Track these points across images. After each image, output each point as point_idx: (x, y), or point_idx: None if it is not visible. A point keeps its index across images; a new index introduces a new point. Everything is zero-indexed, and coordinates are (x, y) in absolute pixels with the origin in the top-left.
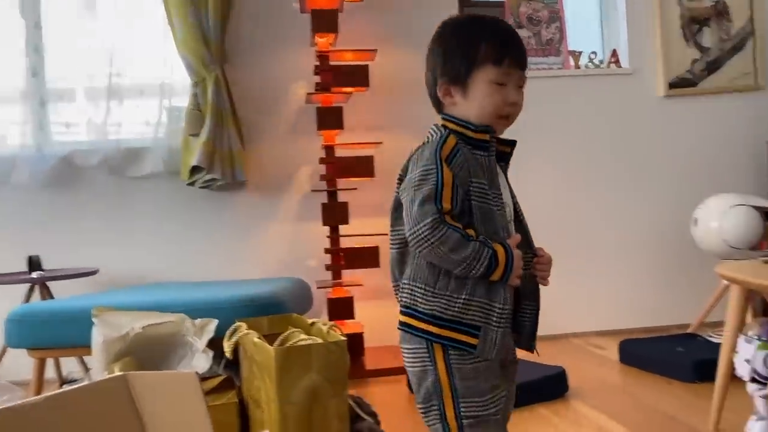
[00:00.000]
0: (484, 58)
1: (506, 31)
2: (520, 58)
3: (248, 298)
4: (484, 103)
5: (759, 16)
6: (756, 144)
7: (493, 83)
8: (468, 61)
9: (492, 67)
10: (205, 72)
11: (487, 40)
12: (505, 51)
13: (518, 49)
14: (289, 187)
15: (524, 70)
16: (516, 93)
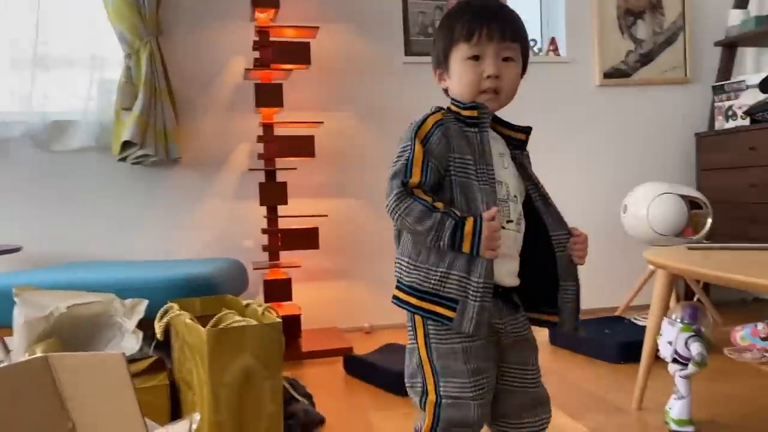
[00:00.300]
0: (458, 37)
1: (482, 7)
2: (493, 31)
3: (181, 279)
4: (461, 81)
5: (690, 11)
6: (684, 135)
7: (466, 59)
8: (445, 43)
9: (463, 43)
10: (138, 43)
11: (460, 19)
12: (475, 26)
13: (492, 21)
14: (225, 165)
15: (504, 42)
16: (493, 65)
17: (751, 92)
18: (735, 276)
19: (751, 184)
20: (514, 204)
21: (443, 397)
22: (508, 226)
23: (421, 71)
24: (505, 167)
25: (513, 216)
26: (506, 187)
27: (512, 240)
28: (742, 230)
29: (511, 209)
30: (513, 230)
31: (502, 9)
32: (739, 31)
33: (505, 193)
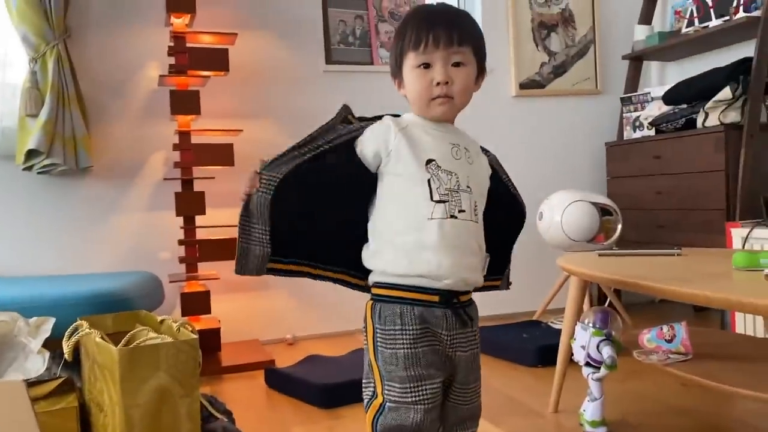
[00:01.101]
0: (407, 46)
1: (429, 13)
2: (440, 37)
3: (91, 294)
4: (413, 91)
5: (599, 26)
6: (595, 144)
7: (416, 68)
8: (397, 52)
9: (412, 52)
10: (44, 47)
11: (408, 27)
12: (422, 33)
13: (438, 27)
14: (139, 174)
15: (452, 47)
16: (442, 72)
17: (656, 103)
18: (642, 282)
19: (657, 192)
20: (467, 194)
21: (387, 400)
22: (460, 216)
23: (341, 80)
24: (456, 158)
25: (465, 206)
26: (456, 177)
27: (465, 230)
28: (649, 235)
29: (463, 199)
30: (466, 220)
31: (449, 13)
32: (644, 45)
33: (456, 184)
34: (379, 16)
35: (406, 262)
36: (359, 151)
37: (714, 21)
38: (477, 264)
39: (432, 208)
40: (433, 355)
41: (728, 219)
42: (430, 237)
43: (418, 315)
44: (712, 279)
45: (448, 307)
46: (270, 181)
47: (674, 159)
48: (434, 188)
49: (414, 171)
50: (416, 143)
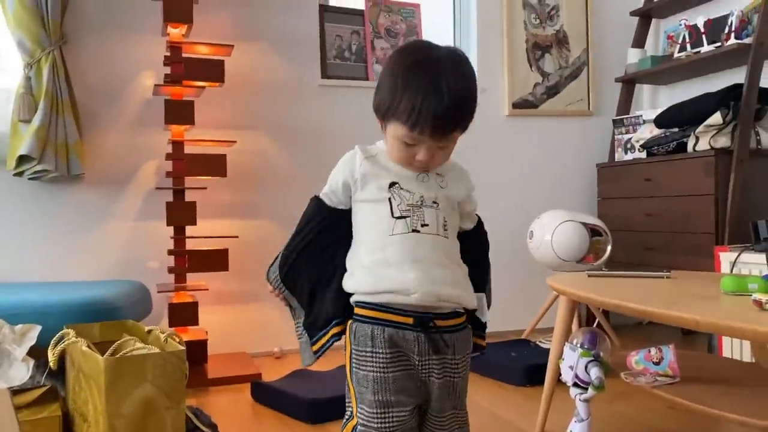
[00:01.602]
0: (400, 112)
1: (431, 89)
2: (436, 130)
3: (78, 302)
4: (392, 151)
5: (593, 48)
6: (586, 165)
7: (400, 140)
8: (386, 103)
9: (402, 126)
10: (40, 53)
11: (410, 94)
12: (417, 118)
13: (438, 118)
14: (131, 182)
15: (444, 138)
16: (426, 154)
17: (647, 126)
18: (630, 304)
19: (647, 214)
20: (433, 210)
21: (359, 423)
22: (423, 230)
23: (336, 94)
24: (423, 182)
25: (429, 221)
26: (419, 195)
27: (431, 243)
28: (639, 257)
29: (427, 214)
30: (431, 234)
31: (456, 95)
32: (637, 68)
33: (419, 200)
34: (375, 33)
35: (372, 279)
36: (329, 198)
37: (706, 47)
38: (450, 277)
39: (393, 224)
40: (406, 380)
41: (717, 243)
42: (393, 253)
43: (388, 338)
44: (700, 303)
45: (422, 331)
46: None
47: (665, 182)
48: (395, 205)
49: (376, 193)
50: (380, 169)
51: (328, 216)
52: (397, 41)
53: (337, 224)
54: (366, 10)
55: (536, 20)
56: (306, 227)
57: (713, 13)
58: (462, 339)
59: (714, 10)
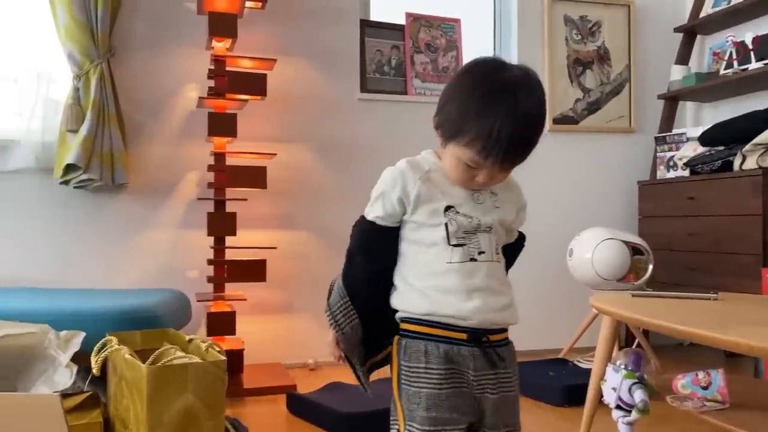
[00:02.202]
0: (470, 137)
1: (512, 125)
2: (507, 160)
3: (121, 310)
4: (451, 170)
5: (635, 65)
6: (627, 183)
7: (461, 160)
8: (455, 126)
9: (467, 148)
10: (89, 65)
11: (484, 121)
12: (491, 149)
13: (507, 151)
14: (173, 193)
15: (509, 169)
16: (487, 177)
17: (691, 144)
18: (680, 326)
19: (690, 233)
20: (487, 234)
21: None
22: (480, 258)
23: (375, 108)
24: (478, 203)
25: (485, 247)
26: (477, 219)
27: (486, 271)
28: (680, 277)
29: (482, 240)
30: (486, 261)
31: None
32: (681, 85)
33: (476, 225)
34: (415, 48)
35: (428, 304)
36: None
37: (754, 64)
38: (503, 302)
39: (450, 252)
40: (459, 397)
41: (765, 264)
42: (451, 281)
43: (443, 354)
44: (752, 327)
45: (476, 346)
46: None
47: (709, 201)
48: (451, 231)
49: (431, 217)
50: (435, 190)
51: (382, 237)
52: (437, 55)
53: (390, 244)
54: (406, 25)
55: (577, 36)
56: (359, 254)
57: (762, 29)
58: (510, 352)
59: (762, 27)
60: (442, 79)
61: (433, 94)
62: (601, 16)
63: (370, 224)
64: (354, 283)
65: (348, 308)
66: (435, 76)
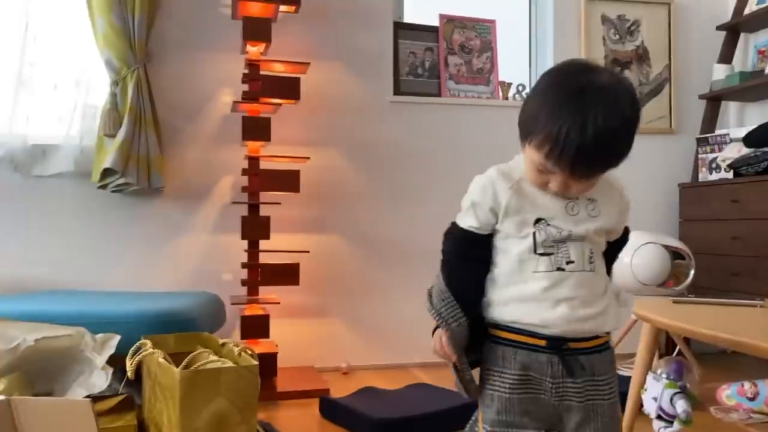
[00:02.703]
0: (538, 137)
1: (581, 130)
2: (576, 169)
3: (156, 314)
4: (527, 172)
5: (675, 64)
6: (668, 185)
7: (536, 164)
8: (528, 125)
9: (542, 156)
10: (126, 71)
11: (553, 121)
12: (556, 152)
13: (580, 159)
14: (208, 196)
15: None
16: (559, 186)
17: (735, 145)
18: (725, 335)
19: (733, 237)
20: (578, 243)
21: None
22: (568, 268)
23: (408, 111)
24: (572, 214)
25: (574, 257)
26: (568, 231)
27: (575, 282)
28: (724, 282)
29: (572, 249)
30: (576, 271)
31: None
32: (724, 85)
33: (566, 235)
34: (449, 49)
35: (512, 311)
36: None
37: None
38: (592, 312)
39: (537, 261)
40: (532, 404)
41: None
42: (535, 290)
43: (519, 360)
44: None
45: (555, 353)
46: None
47: (754, 204)
48: (539, 240)
49: (520, 228)
50: (526, 201)
51: (478, 245)
52: (471, 57)
53: (486, 251)
54: (440, 27)
55: (615, 35)
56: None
57: None
58: (602, 360)
59: None
60: (477, 80)
61: (467, 96)
62: (640, 15)
63: (464, 233)
64: (456, 288)
65: (453, 306)
66: (469, 77)
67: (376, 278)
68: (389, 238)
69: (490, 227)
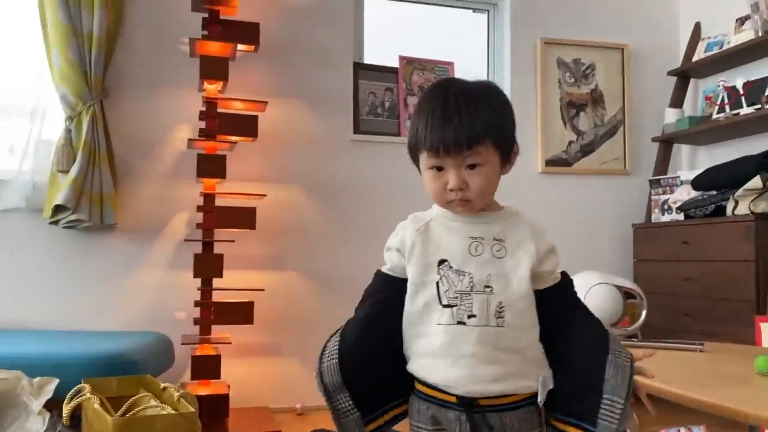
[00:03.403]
0: (419, 142)
1: (442, 104)
2: (449, 143)
3: (98, 355)
4: (429, 190)
5: (629, 107)
6: (623, 225)
7: (429, 169)
8: (411, 141)
9: (423, 151)
10: (81, 106)
11: (420, 120)
12: (432, 135)
13: (448, 130)
14: (162, 233)
15: (463, 152)
16: (455, 178)
17: (685, 188)
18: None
19: (685, 278)
20: (483, 296)
21: None
22: (470, 322)
23: (368, 149)
24: (474, 255)
25: (477, 310)
26: (469, 277)
27: (476, 337)
28: (676, 323)
29: (475, 302)
30: (478, 326)
31: (463, 105)
32: (675, 129)
33: (468, 285)
34: (408, 90)
35: (416, 367)
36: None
37: (745, 109)
38: (497, 372)
39: (440, 314)
40: None
41: (758, 312)
42: (437, 344)
43: (431, 414)
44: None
45: (464, 411)
46: (331, 347)
47: (703, 245)
48: (443, 291)
49: (424, 272)
50: (431, 243)
51: (391, 287)
52: None
53: (397, 296)
54: (400, 68)
55: (571, 78)
56: (366, 297)
57: (752, 75)
58: (520, 418)
59: (753, 72)
60: None
61: None
62: (595, 59)
63: (381, 274)
64: (355, 323)
65: (333, 347)
66: None
67: (333, 316)
68: (346, 275)
69: (402, 270)
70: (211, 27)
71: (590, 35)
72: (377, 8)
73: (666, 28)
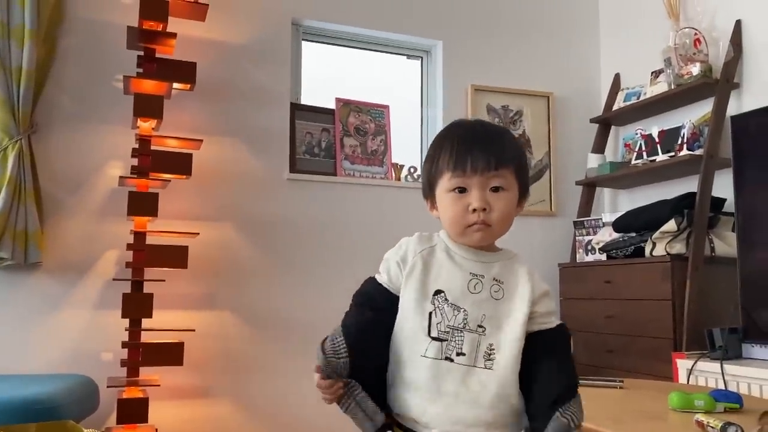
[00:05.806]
0: (442, 167)
1: (468, 132)
2: (478, 161)
3: (17, 401)
4: (447, 215)
5: (555, 152)
6: (550, 264)
7: (450, 191)
8: (430, 172)
9: (447, 174)
10: (7, 141)
11: (444, 146)
12: (459, 156)
13: (477, 150)
14: (90, 271)
15: (490, 171)
16: (479, 198)
17: (607, 229)
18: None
19: (607, 316)
20: (475, 335)
21: None
22: (457, 360)
23: (304, 188)
24: (473, 292)
25: (467, 349)
26: (464, 313)
27: (462, 377)
28: (599, 359)
29: (466, 340)
30: (465, 365)
31: (488, 132)
32: (597, 173)
33: (462, 321)
34: (344, 131)
35: (393, 397)
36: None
37: (660, 156)
38: (480, 418)
39: (426, 345)
40: None
41: (675, 349)
42: (419, 377)
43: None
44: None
45: None
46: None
47: (624, 285)
48: (434, 323)
49: (419, 301)
50: (431, 269)
51: (382, 297)
52: (366, 139)
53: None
54: (336, 110)
55: (500, 124)
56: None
57: (667, 124)
58: None
59: (668, 121)
60: (371, 161)
61: (361, 176)
62: (522, 106)
63: (374, 283)
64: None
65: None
66: (364, 158)
67: (266, 356)
68: (280, 314)
69: (397, 286)
70: (147, 65)
71: (518, 83)
72: (315, 50)
73: (588, 78)
